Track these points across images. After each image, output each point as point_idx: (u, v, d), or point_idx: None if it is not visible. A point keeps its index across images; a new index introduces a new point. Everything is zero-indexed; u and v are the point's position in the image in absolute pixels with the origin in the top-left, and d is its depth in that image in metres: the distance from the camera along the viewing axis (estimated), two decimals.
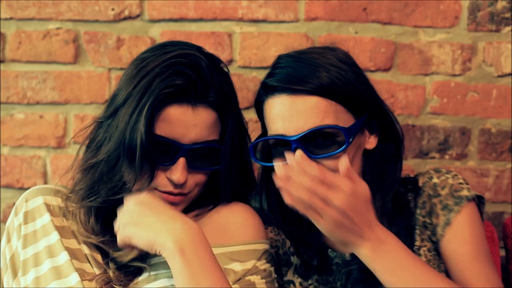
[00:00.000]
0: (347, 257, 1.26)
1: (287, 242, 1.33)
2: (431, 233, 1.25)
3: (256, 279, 1.15)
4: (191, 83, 1.13)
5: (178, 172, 1.14)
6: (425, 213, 1.26)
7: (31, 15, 1.73)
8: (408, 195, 1.28)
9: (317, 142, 1.15)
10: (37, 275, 1.15)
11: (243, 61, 1.73)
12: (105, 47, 1.73)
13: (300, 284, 1.27)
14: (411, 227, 1.26)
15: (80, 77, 1.74)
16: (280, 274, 1.30)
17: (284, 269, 1.30)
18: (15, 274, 1.19)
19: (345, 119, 1.18)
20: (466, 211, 1.23)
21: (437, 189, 1.26)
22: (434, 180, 1.27)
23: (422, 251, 1.25)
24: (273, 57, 1.27)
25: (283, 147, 1.19)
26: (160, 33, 1.73)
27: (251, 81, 1.72)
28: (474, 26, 1.72)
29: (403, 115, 1.73)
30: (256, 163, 1.28)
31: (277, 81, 1.19)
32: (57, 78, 1.74)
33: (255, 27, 1.73)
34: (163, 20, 1.73)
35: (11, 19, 1.74)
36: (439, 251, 1.25)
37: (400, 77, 1.73)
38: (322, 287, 1.28)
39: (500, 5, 1.71)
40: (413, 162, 1.73)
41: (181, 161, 1.14)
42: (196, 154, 1.17)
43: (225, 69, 1.24)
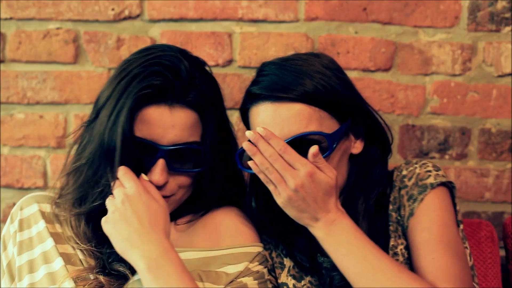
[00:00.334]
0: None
1: (280, 245, 1.32)
2: (401, 227, 1.23)
3: (248, 280, 1.15)
4: (169, 83, 1.12)
5: (157, 173, 1.13)
6: (396, 208, 1.24)
7: (31, 15, 1.73)
8: (388, 193, 1.26)
9: (302, 149, 1.14)
10: (32, 281, 1.15)
11: (243, 61, 1.73)
12: (105, 47, 1.73)
13: (294, 286, 1.26)
14: (387, 225, 1.24)
15: (80, 77, 1.74)
16: (274, 277, 1.29)
17: (278, 271, 1.29)
18: (12, 280, 1.20)
19: (329, 125, 1.18)
20: (429, 198, 1.20)
21: (404, 181, 1.25)
22: (403, 172, 1.26)
23: (399, 250, 1.22)
24: (273, 57, 1.27)
25: None
26: (160, 33, 1.73)
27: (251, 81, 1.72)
28: (474, 26, 1.71)
29: (403, 115, 1.73)
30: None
31: (260, 89, 1.19)
32: (57, 78, 1.74)
33: (255, 27, 1.72)
34: (163, 20, 1.73)
35: (11, 19, 1.74)
36: None
37: (400, 77, 1.73)
38: None
39: (500, 5, 1.71)
40: None
41: (160, 162, 1.13)
42: (176, 156, 1.15)
43: (209, 71, 1.23)
